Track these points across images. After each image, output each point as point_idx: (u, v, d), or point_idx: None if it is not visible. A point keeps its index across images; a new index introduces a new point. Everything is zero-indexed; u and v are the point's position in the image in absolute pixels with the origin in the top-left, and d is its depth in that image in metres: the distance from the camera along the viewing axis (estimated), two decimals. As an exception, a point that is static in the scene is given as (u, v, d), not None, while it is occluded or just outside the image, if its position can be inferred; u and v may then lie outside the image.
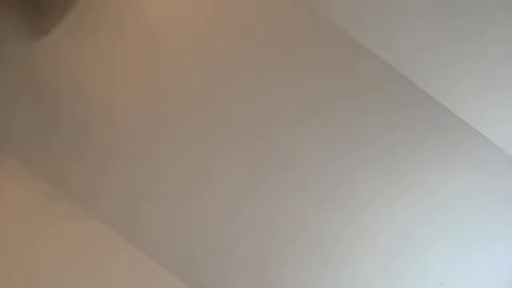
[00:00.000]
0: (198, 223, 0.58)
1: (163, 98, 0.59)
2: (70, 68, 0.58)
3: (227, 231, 0.58)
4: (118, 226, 0.57)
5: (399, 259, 0.59)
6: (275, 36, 0.61)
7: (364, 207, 0.59)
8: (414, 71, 0.61)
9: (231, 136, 0.59)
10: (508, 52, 0.62)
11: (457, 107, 0.61)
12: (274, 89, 0.60)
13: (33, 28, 0.57)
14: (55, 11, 0.58)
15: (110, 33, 0.59)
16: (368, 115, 0.61)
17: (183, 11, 0.61)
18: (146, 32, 0.60)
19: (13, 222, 0.56)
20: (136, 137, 0.59)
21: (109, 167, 0.58)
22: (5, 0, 0.56)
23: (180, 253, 0.57)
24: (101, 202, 0.57)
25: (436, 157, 0.60)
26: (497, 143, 0.61)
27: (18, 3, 0.57)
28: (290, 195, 0.59)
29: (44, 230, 0.57)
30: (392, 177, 0.60)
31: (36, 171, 0.57)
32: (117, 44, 0.59)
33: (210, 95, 0.60)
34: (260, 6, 0.61)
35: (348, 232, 0.59)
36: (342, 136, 0.60)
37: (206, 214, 0.58)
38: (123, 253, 0.57)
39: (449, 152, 0.61)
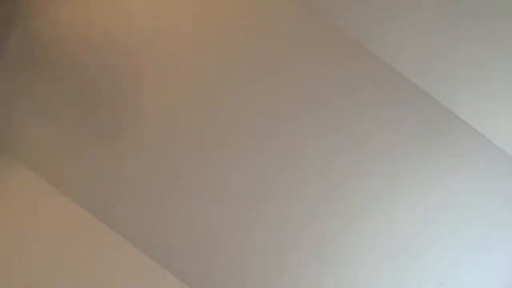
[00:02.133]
0: (199, 224, 0.58)
1: (162, 101, 0.59)
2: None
3: (228, 232, 0.58)
4: (119, 226, 0.57)
5: (399, 259, 0.59)
6: (277, 36, 0.61)
7: (364, 207, 0.59)
8: (415, 72, 0.61)
9: (232, 137, 0.59)
10: (508, 55, 0.62)
11: (457, 107, 0.61)
12: (276, 88, 0.60)
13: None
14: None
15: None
16: (368, 114, 0.61)
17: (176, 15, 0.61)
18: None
19: (13, 221, 0.56)
20: (135, 136, 0.59)
21: (108, 169, 0.58)
22: None
23: (180, 254, 0.57)
24: (101, 203, 0.57)
25: (436, 157, 0.60)
26: (497, 143, 0.61)
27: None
28: (290, 195, 0.59)
29: (44, 231, 0.57)
30: (392, 177, 0.60)
31: (36, 170, 0.57)
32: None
33: (210, 98, 0.60)
34: (263, 9, 0.61)
35: (348, 232, 0.59)
36: (342, 138, 0.60)
37: (206, 215, 0.58)
38: (124, 253, 0.57)
39: (449, 152, 0.61)
